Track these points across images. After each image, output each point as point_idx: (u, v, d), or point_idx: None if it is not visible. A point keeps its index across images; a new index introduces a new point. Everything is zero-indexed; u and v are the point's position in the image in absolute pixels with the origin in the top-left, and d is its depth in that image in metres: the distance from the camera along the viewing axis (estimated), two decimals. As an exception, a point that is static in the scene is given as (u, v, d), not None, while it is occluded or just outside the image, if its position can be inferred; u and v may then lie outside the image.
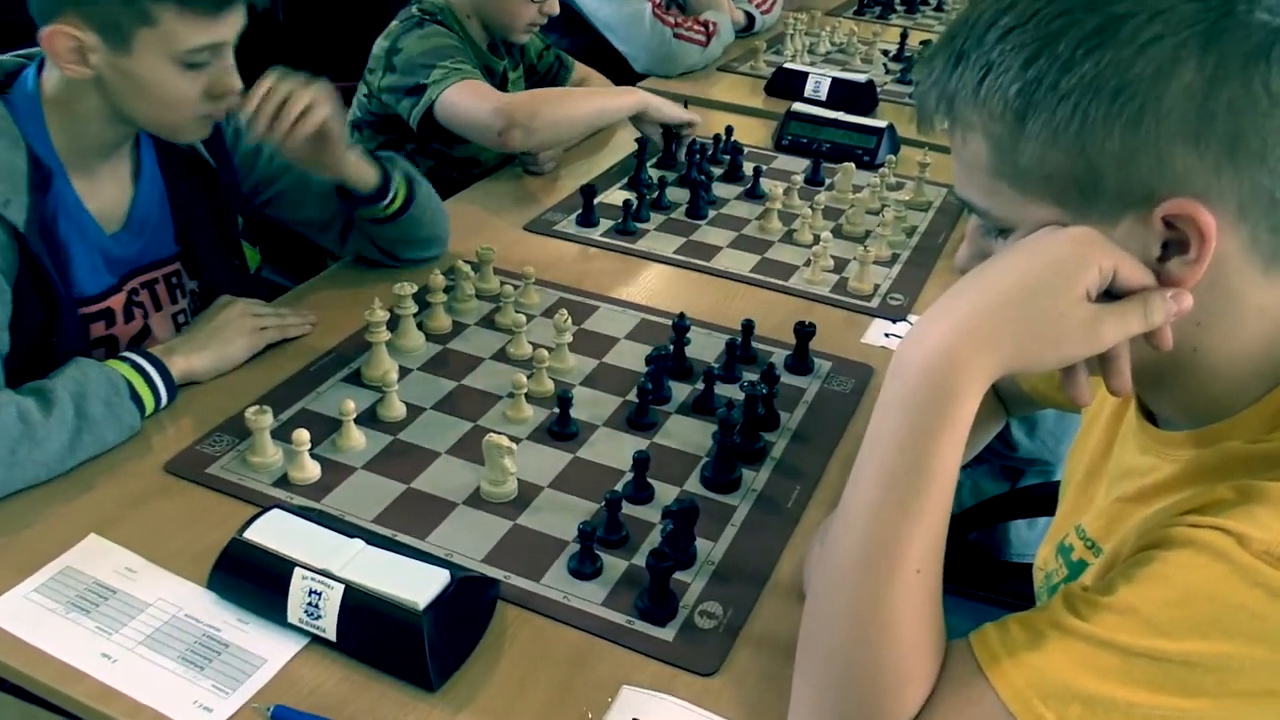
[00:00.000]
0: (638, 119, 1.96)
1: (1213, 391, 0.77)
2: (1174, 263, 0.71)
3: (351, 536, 0.96)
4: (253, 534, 0.96)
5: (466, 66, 1.81)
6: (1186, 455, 0.80)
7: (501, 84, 2.02)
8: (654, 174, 1.93)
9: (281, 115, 1.27)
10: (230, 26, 1.19)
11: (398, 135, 1.90)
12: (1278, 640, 0.66)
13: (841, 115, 2.13)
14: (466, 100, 1.76)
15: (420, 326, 1.40)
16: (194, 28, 1.15)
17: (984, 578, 1.59)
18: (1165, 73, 0.66)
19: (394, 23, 1.89)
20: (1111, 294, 0.72)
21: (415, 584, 0.91)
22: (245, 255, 1.45)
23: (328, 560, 0.93)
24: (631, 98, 1.95)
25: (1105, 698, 0.67)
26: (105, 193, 1.28)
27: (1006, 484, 1.88)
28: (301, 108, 1.27)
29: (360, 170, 1.40)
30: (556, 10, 1.98)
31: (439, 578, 0.92)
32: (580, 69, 2.22)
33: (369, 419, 1.23)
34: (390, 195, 1.44)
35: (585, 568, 1.03)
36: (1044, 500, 1.57)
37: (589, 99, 1.91)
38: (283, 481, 1.13)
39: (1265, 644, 0.66)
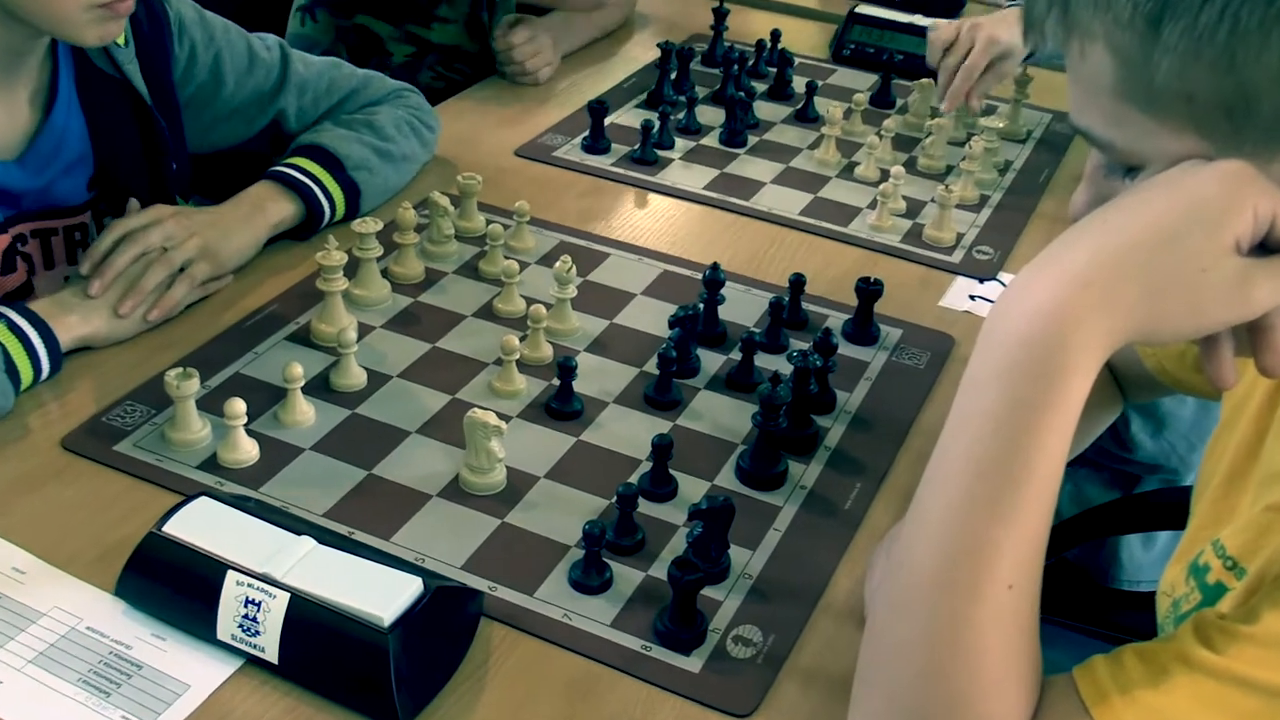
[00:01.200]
0: None
1: None
2: None
3: (299, 533, 0.96)
4: (174, 528, 0.96)
5: None
6: None
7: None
8: (679, 89, 1.92)
9: (140, 284, 1.28)
10: None
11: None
12: None
13: (918, 18, 2.12)
14: None
15: (385, 273, 1.40)
16: None
17: (1087, 607, 1.59)
18: None
19: None
20: (1268, 247, 0.72)
21: (379, 594, 0.91)
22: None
23: (269, 562, 0.93)
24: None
25: None
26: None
27: (1118, 491, 1.88)
28: (165, 276, 1.29)
29: (275, 215, 1.42)
30: None
31: (409, 587, 0.92)
32: None
33: (320, 388, 1.23)
34: (325, 218, 1.47)
35: (591, 579, 1.03)
36: (1167, 510, 1.57)
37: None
38: (211, 464, 1.13)
39: None
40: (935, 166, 1.78)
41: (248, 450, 1.13)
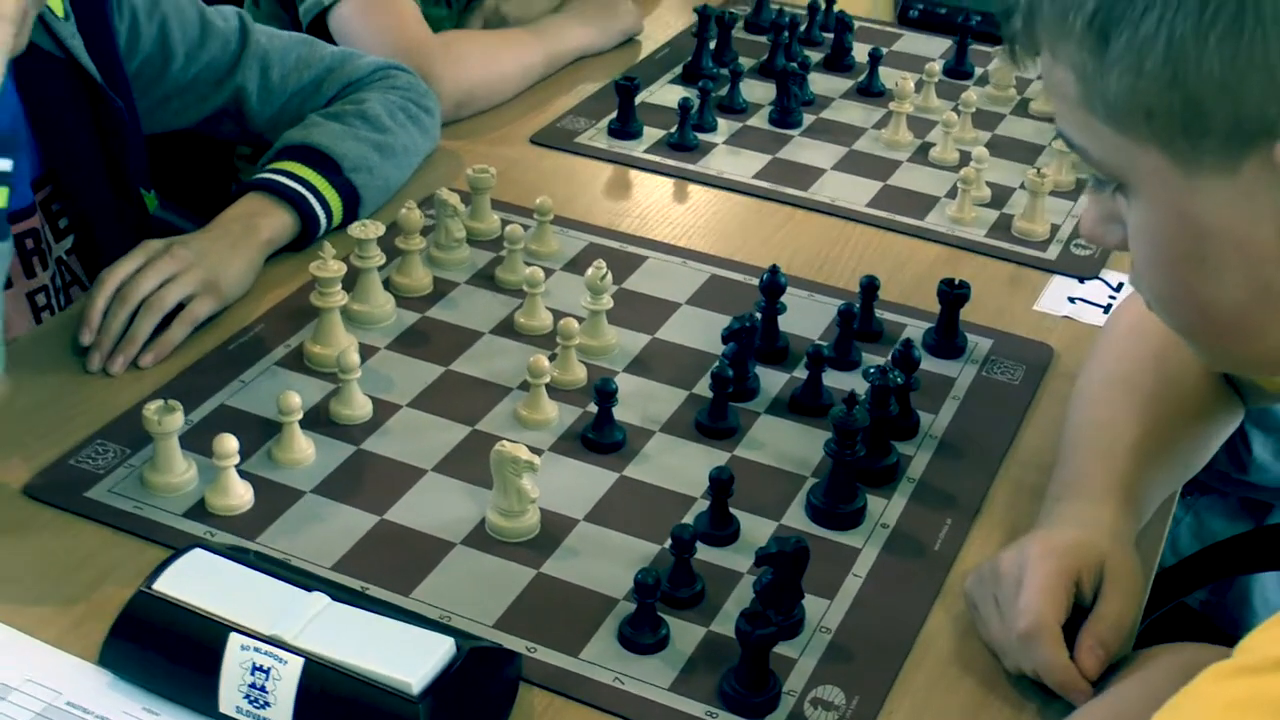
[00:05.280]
0: None
1: None
2: None
3: (309, 589, 0.99)
4: (165, 585, 0.99)
5: None
6: None
7: None
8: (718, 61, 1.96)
9: (131, 333, 1.32)
10: None
11: None
12: None
13: (998, -28, 2.15)
14: (362, 27, 1.79)
15: (387, 285, 1.43)
16: None
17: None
18: None
19: None
20: None
21: (406, 657, 0.94)
22: (142, 200, 1.50)
23: (277, 623, 0.96)
24: (611, 25, 2.01)
25: None
26: None
27: (1249, 523, 1.90)
28: (158, 319, 1.33)
29: (268, 231, 1.46)
30: None
31: (439, 648, 0.95)
32: None
33: (318, 420, 1.26)
34: (322, 228, 1.50)
35: (645, 636, 1.05)
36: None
37: (532, 44, 1.92)
38: (198, 510, 1.16)
39: None
40: (1022, 147, 1.81)
41: (240, 494, 1.17)
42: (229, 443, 1.15)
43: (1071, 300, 1.53)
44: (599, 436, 1.26)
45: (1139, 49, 0.77)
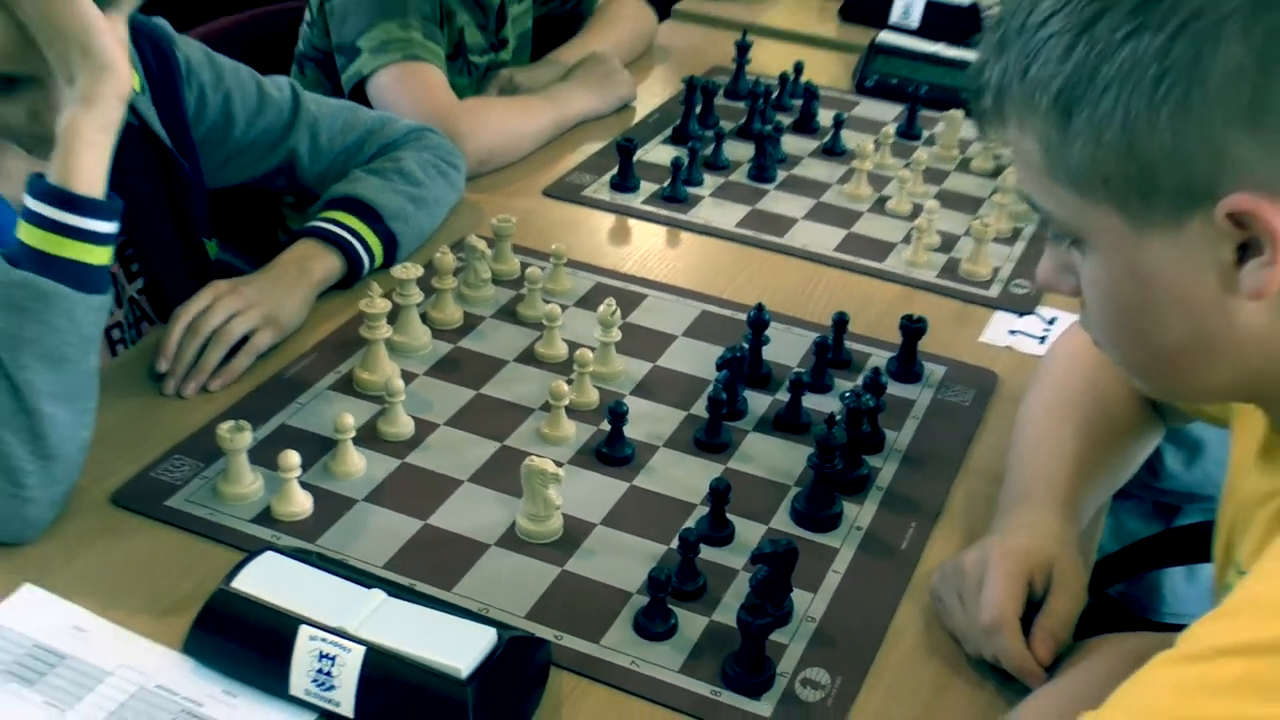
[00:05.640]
0: None
1: None
2: (1250, 266, 0.78)
3: (368, 586, 0.99)
4: (243, 583, 0.99)
5: (416, 36, 1.82)
6: None
7: (498, 20, 2.06)
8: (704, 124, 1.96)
9: (201, 363, 1.33)
10: None
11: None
12: None
13: (941, 48, 2.17)
14: (398, 95, 1.79)
15: (424, 319, 1.44)
16: None
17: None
18: (1209, 52, 0.74)
19: None
20: None
21: (454, 646, 0.94)
22: (204, 248, 1.50)
23: (341, 616, 0.96)
24: (610, 93, 2.01)
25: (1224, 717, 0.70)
26: (14, 169, 1.31)
27: (1160, 524, 1.91)
28: (225, 350, 1.34)
29: (319, 272, 1.46)
30: None
31: (483, 638, 0.95)
32: None
33: (367, 438, 1.26)
34: (365, 269, 1.50)
35: (657, 625, 1.06)
36: (1208, 542, 1.60)
37: (544, 110, 1.92)
38: (265, 517, 1.16)
39: None
40: (968, 199, 1.82)
41: (302, 503, 1.17)
42: (293, 458, 1.15)
43: (1012, 333, 1.53)
44: (611, 451, 1.26)
45: (1098, 124, 0.78)
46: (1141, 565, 1.76)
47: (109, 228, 1.14)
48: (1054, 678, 1.00)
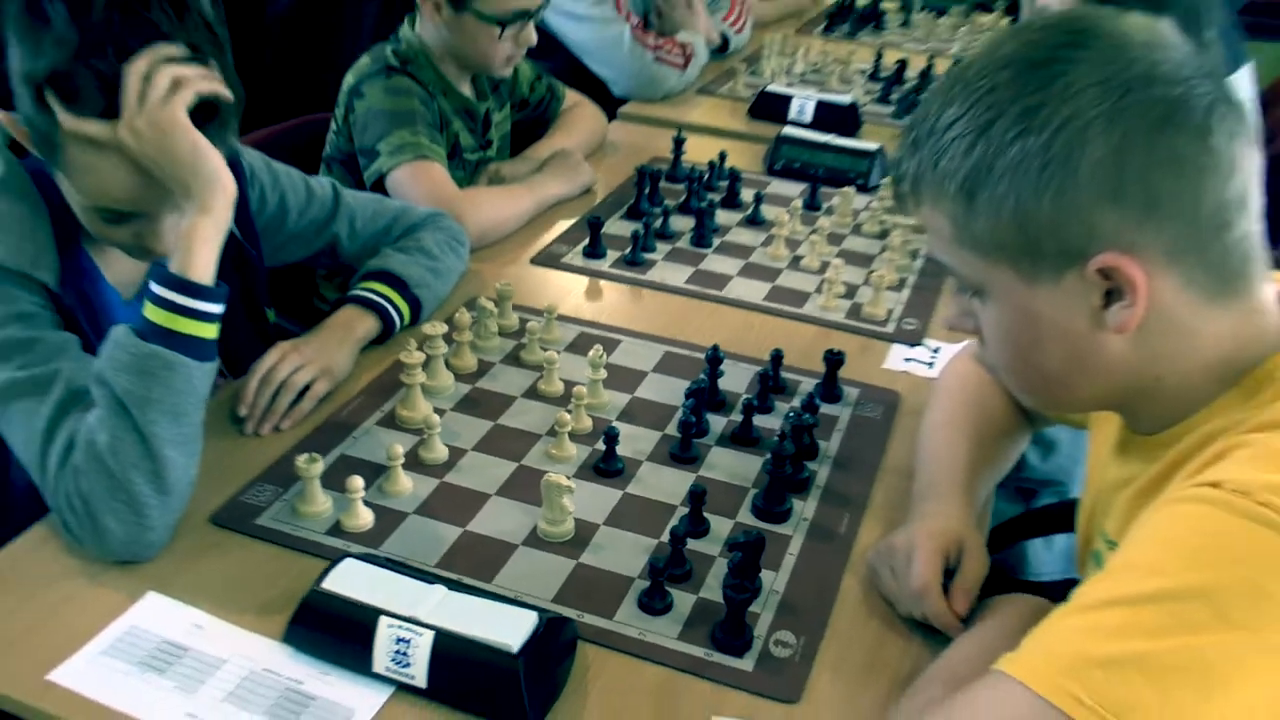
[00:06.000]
0: None
1: (1176, 405, 0.88)
2: (1115, 309, 0.82)
3: (431, 583, 1.01)
4: (332, 584, 1.00)
5: (424, 140, 1.84)
6: (1169, 454, 0.89)
7: (484, 125, 2.07)
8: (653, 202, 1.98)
9: (274, 407, 1.34)
10: None
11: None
12: (1260, 564, 0.73)
13: (833, 138, 2.21)
14: (411, 187, 1.81)
15: (447, 365, 1.44)
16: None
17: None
18: (1079, 149, 0.79)
19: (364, 57, 1.93)
20: None
21: (505, 627, 0.96)
22: (265, 315, 1.50)
23: (413, 607, 0.98)
24: (576, 181, 2.03)
25: (1119, 656, 0.73)
26: (121, 262, 1.32)
27: (1021, 505, 1.96)
28: (292, 397, 1.35)
29: (361, 331, 1.47)
30: (534, 41, 2.01)
31: (527, 619, 0.97)
32: (572, 96, 2.28)
33: (411, 462, 1.27)
34: (396, 329, 1.51)
35: (656, 603, 1.08)
36: (1062, 518, 1.65)
37: (525, 195, 1.94)
38: (335, 530, 1.17)
39: (1246, 566, 0.73)
40: (863, 256, 1.86)
41: (365, 517, 1.18)
42: (357, 481, 1.15)
43: (906, 360, 1.57)
44: (607, 466, 1.28)
45: (996, 204, 0.82)
46: (1010, 538, 1.80)
47: (218, 309, 1.15)
48: (969, 629, 1.04)
